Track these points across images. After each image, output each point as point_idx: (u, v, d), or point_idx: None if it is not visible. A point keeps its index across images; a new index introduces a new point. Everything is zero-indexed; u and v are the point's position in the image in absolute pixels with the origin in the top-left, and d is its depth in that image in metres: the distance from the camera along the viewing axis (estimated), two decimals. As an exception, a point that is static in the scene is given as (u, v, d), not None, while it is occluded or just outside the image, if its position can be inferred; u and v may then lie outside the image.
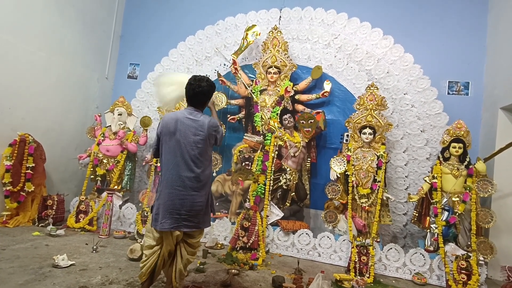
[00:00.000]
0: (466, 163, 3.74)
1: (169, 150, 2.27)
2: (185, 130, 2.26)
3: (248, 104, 4.85)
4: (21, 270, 2.67)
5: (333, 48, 4.82)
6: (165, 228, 2.22)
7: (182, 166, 2.24)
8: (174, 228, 2.23)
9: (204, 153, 2.30)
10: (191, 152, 2.25)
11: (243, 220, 3.84)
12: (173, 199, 2.23)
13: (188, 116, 2.31)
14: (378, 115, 4.08)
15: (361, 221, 3.86)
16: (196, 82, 2.32)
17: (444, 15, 4.72)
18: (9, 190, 4.00)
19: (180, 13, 5.71)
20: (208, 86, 2.36)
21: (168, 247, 2.29)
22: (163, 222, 2.22)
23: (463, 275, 3.20)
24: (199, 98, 2.36)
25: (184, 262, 2.33)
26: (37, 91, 4.55)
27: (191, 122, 2.28)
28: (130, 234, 4.07)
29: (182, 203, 2.23)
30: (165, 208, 2.23)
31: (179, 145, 2.25)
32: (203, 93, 2.34)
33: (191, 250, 2.38)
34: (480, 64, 4.53)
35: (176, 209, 2.22)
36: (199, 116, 2.33)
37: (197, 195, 2.26)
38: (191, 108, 2.36)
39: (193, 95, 2.34)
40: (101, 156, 4.70)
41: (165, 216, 2.22)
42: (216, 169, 4.74)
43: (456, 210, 3.62)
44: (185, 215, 2.23)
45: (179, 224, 2.23)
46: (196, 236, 2.39)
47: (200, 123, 2.29)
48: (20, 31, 4.22)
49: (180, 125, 2.27)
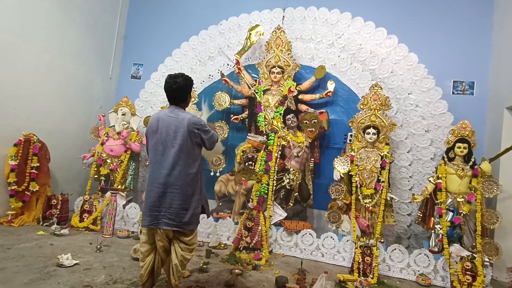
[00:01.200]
0: (471, 163, 3.71)
1: (153, 149, 2.33)
2: (166, 128, 2.30)
3: (251, 104, 4.85)
4: (26, 269, 2.69)
5: (336, 48, 4.80)
6: (145, 225, 2.29)
7: (162, 164, 2.27)
8: (153, 225, 2.26)
9: (184, 151, 2.28)
10: (171, 149, 2.27)
11: (246, 220, 3.83)
12: (153, 196, 2.27)
13: (169, 114, 2.35)
14: (382, 115, 4.06)
15: (365, 222, 3.84)
16: (172, 79, 2.36)
17: (449, 14, 4.68)
18: (14, 189, 4.04)
19: (183, 13, 5.72)
20: (184, 80, 2.39)
21: (161, 243, 2.30)
22: (144, 219, 2.29)
23: (468, 276, 3.17)
24: (178, 94, 2.39)
25: (179, 259, 2.31)
26: (42, 92, 4.58)
27: (171, 120, 2.31)
28: (134, 234, 4.08)
29: (161, 200, 2.25)
30: (146, 205, 2.30)
31: (160, 143, 2.29)
32: (180, 88, 2.37)
33: (186, 247, 2.35)
34: (485, 64, 4.49)
35: (155, 206, 2.25)
36: (180, 113, 2.35)
37: (177, 193, 2.25)
38: (172, 107, 2.41)
39: (171, 92, 2.38)
40: (105, 156, 4.72)
41: (146, 213, 2.28)
42: (220, 169, 4.75)
43: (461, 211, 3.59)
44: (164, 212, 2.25)
45: (158, 221, 2.25)
46: (188, 234, 2.36)
47: (179, 119, 2.31)
48: (24, 33, 4.25)
49: (161, 123, 2.31)
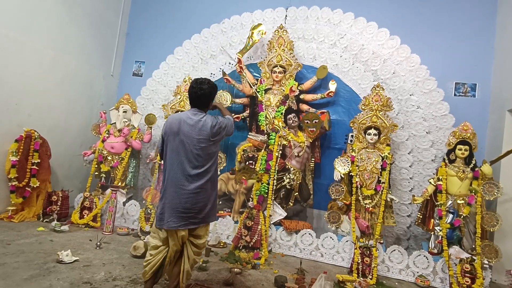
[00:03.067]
0: (472, 165, 3.71)
1: (173, 150, 2.32)
2: (189, 130, 2.31)
3: (252, 103, 4.84)
4: (26, 265, 2.70)
5: (339, 48, 4.79)
6: (172, 226, 2.25)
7: (186, 165, 2.28)
8: (182, 226, 2.25)
9: (207, 151, 2.34)
10: (194, 152, 2.29)
11: (246, 219, 3.84)
12: (179, 198, 2.26)
13: (191, 117, 2.37)
14: (383, 116, 4.05)
15: (365, 222, 3.84)
16: (198, 85, 2.39)
17: (452, 15, 4.67)
18: (15, 185, 4.04)
19: (185, 11, 5.72)
20: (210, 88, 2.42)
21: (175, 247, 2.30)
22: (170, 221, 2.25)
23: (467, 278, 3.17)
24: (201, 100, 2.42)
25: (191, 263, 2.36)
26: (44, 88, 4.58)
27: (194, 123, 2.34)
28: (134, 231, 4.09)
29: (187, 201, 2.26)
30: (170, 206, 2.26)
31: (183, 145, 2.30)
32: (204, 95, 2.41)
33: (196, 251, 2.40)
34: (487, 66, 4.48)
35: (182, 207, 2.25)
36: (202, 116, 2.39)
37: (202, 192, 2.30)
38: (195, 109, 2.43)
39: (195, 98, 2.42)
40: (106, 153, 4.72)
41: (172, 215, 2.25)
42: (220, 167, 4.75)
43: (461, 213, 3.58)
44: (191, 213, 2.27)
45: (185, 222, 2.26)
46: (201, 236, 2.40)
47: (202, 123, 2.34)
48: (27, 29, 4.25)
49: (183, 126, 2.33)
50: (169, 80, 5.42)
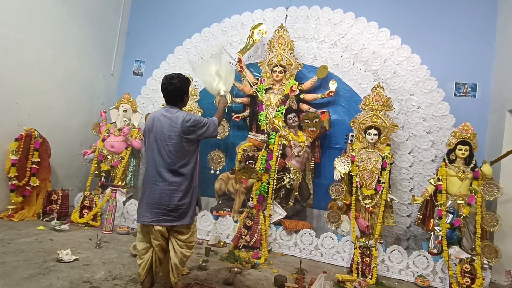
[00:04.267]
0: (472, 165, 3.71)
1: (149, 147, 2.37)
2: (160, 127, 2.33)
3: (253, 103, 4.84)
4: (26, 263, 2.70)
5: (339, 48, 4.79)
6: (145, 221, 2.29)
7: (159, 162, 2.30)
8: (154, 222, 2.26)
9: (180, 148, 2.32)
10: (166, 148, 2.30)
11: (246, 218, 3.84)
12: (153, 194, 2.29)
13: (164, 113, 2.38)
14: (383, 116, 4.05)
15: (365, 222, 3.84)
16: (168, 81, 2.40)
17: (453, 15, 4.66)
18: (15, 184, 4.04)
19: (186, 11, 5.71)
20: (180, 81, 2.41)
21: (156, 241, 2.30)
22: (144, 216, 2.29)
23: (467, 278, 3.17)
24: (173, 95, 2.42)
25: (179, 256, 2.32)
26: (44, 87, 4.58)
27: (165, 119, 2.34)
28: (133, 231, 4.09)
29: (161, 197, 2.27)
30: (146, 202, 2.31)
31: (156, 141, 2.32)
32: (175, 89, 2.40)
33: (184, 244, 2.36)
34: (488, 66, 4.48)
35: (155, 203, 2.27)
36: (174, 112, 2.38)
37: (175, 190, 2.29)
38: (168, 106, 2.44)
39: (167, 94, 2.42)
40: (106, 152, 4.72)
41: (146, 210, 2.29)
42: (220, 167, 4.75)
43: (461, 213, 3.58)
44: (164, 210, 2.27)
45: (158, 218, 2.26)
46: (184, 233, 2.37)
47: (173, 118, 2.34)
48: (27, 28, 4.25)
49: (156, 122, 2.35)
50: (170, 79, 5.40)
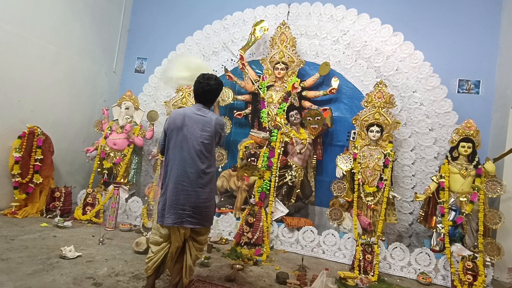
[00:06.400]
0: (475, 163, 3.69)
1: (176, 145, 2.28)
2: (193, 126, 2.28)
3: (254, 100, 4.83)
4: (30, 260, 2.72)
5: (341, 45, 4.76)
6: (168, 223, 2.23)
7: (188, 161, 2.25)
8: (177, 223, 2.23)
9: (209, 149, 2.32)
10: (197, 148, 2.26)
11: (248, 215, 3.84)
12: (178, 194, 2.23)
13: (196, 112, 2.34)
14: (386, 113, 4.03)
15: (366, 219, 3.84)
16: (205, 81, 2.36)
17: (456, 11, 4.62)
18: (18, 181, 4.06)
19: (188, 8, 5.70)
20: (217, 84, 2.40)
21: (176, 243, 2.30)
22: (167, 217, 2.23)
23: (469, 276, 3.17)
24: (208, 96, 2.40)
25: (193, 259, 2.36)
26: (46, 84, 4.59)
27: (199, 118, 2.31)
28: (136, 227, 4.11)
29: (187, 198, 2.23)
30: (170, 203, 2.24)
31: (186, 140, 2.26)
32: (211, 91, 2.38)
33: (198, 247, 2.40)
34: (492, 63, 4.44)
35: (181, 204, 2.23)
36: (207, 112, 2.37)
37: (201, 191, 2.27)
38: (199, 105, 2.40)
39: (202, 93, 2.38)
40: (108, 150, 4.74)
41: (169, 211, 2.23)
42: (222, 164, 4.76)
43: (463, 210, 3.57)
44: (189, 211, 2.23)
45: (182, 220, 2.23)
46: (203, 233, 2.40)
47: (207, 119, 2.32)
48: (29, 25, 4.25)
49: (188, 121, 2.29)
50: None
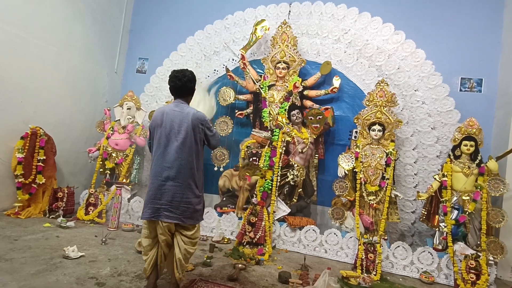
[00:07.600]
0: (477, 161, 3.68)
1: (156, 142, 2.35)
2: (170, 122, 2.32)
3: (256, 100, 4.83)
4: (33, 260, 2.73)
5: (343, 43, 4.75)
6: (145, 217, 2.30)
7: (165, 157, 2.29)
8: (153, 217, 2.27)
9: (187, 145, 2.30)
10: (174, 143, 2.29)
11: (250, 215, 3.85)
12: (155, 189, 2.28)
13: (174, 108, 2.37)
14: (387, 112, 4.03)
15: (369, 219, 3.83)
16: (180, 73, 2.40)
17: (458, 9, 4.60)
18: (21, 182, 4.08)
19: (189, 8, 5.70)
20: (192, 74, 2.44)
21: (162, 237, 2.31)
22: (145, 212, 2.30)
23: (472, 274, 3.16)
24: (184, 88, 2.42)
25: (183, 253, 2.32)
26: (48, 85, 4.60)
27: (176, 114, 2.34)
28: (138, 227, 4.11)
29: (163, 193, 2.27)
30: (147, 197, 2.31)
31: (164, 137, 2.31)
32: (189, 80, 2.42)
33: (188, 241, 2.36)
34: (494, 61, 4.42)
35: (157, 199, 2.27)
36: (185, 108, 2.38)
37: (179, 187, 2.27)
38: (178, 101, 2.43)
39: (178, 87, 2.41)
40: (110, 150, 4.75)
41: (147, 206, 2.30)
42: (223, 164, 4.76)
43: (466, 209, 3.56)
44: (165, 205, 2.26)
45: (159, 214, 2.26)
46: (190, 229, 2.37)
47: (184, 114, 2.34)
48: (31, 26, 4.27)
49: (166, 117, 2.34)
50: (173, 77, 5.41)
